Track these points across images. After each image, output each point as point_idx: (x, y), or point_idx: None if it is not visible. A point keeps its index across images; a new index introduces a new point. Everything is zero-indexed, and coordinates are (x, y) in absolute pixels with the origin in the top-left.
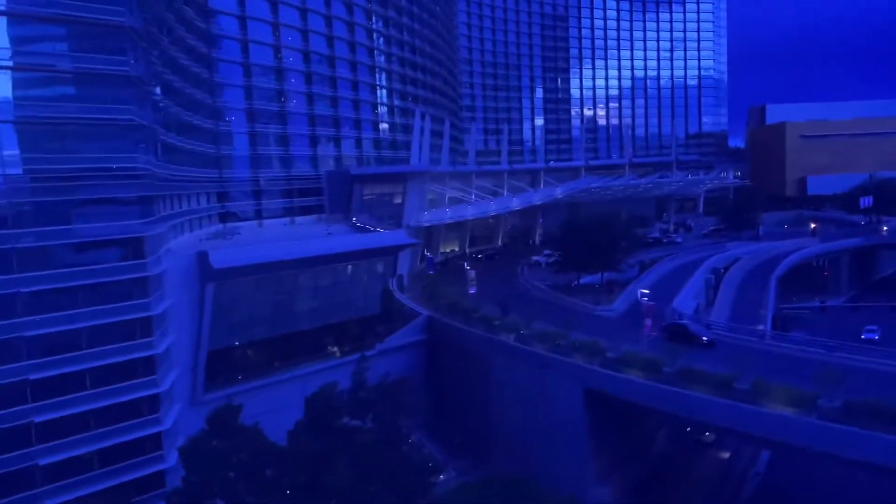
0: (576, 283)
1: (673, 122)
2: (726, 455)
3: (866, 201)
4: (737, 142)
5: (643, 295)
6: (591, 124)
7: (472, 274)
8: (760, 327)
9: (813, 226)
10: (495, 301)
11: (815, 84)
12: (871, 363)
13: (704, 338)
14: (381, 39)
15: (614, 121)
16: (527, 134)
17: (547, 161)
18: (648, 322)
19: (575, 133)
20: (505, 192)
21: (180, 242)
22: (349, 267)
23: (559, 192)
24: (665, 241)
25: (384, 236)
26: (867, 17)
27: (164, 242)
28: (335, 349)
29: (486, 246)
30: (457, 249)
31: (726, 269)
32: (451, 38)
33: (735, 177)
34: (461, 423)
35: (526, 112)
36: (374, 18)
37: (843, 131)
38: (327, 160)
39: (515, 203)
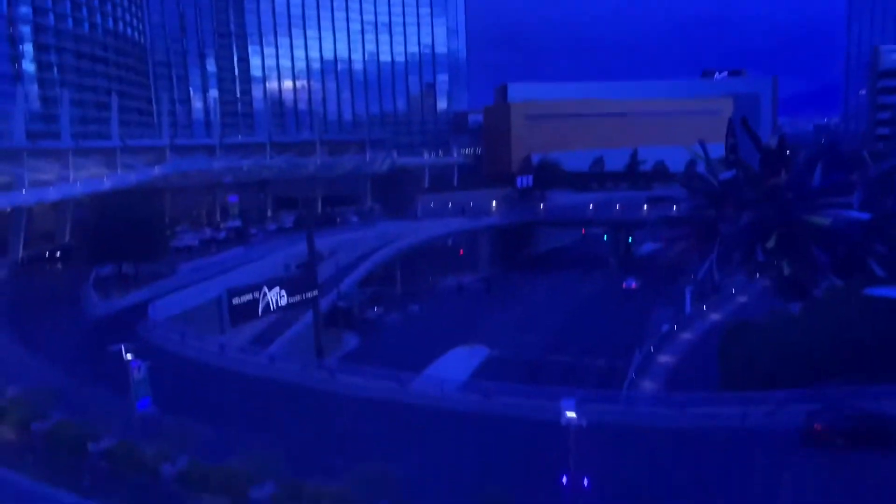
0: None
1: (367, 99)
2: None
3: (524, 180)
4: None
5: None
6: (280, 98)
7: None
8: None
9: (494, 203)
10: None
11: (571, 66)
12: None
13: None
14: None
15: (315, 96)
16: (199, 105)
17: (223, 136)
18: None
19: (259, 106)
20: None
21: None
22: None
23: (133, 178)
24: (339, 220)
25: None
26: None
27: None
28: None
29: None
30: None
31: (331, 252)
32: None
33: (462, 154)
34: None
35: (197, 82)
36: None
37: (566, 111)
38: None
39: (79, 188)
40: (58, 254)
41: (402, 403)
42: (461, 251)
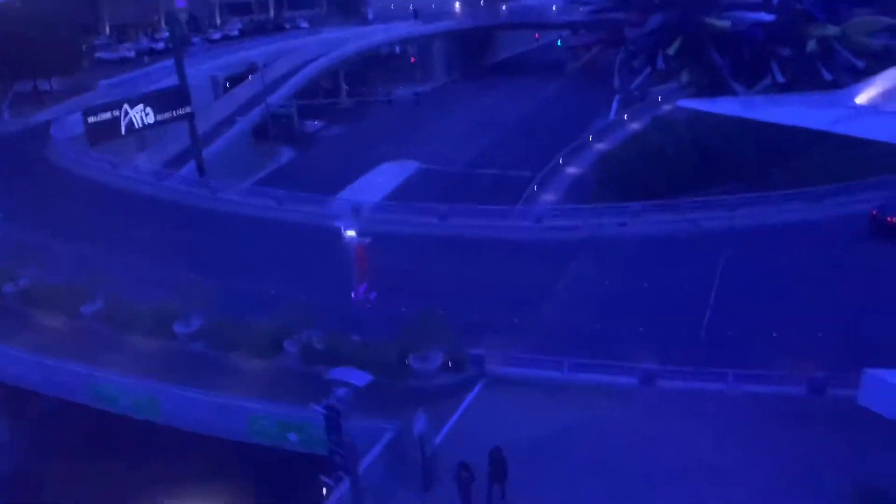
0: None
1: None
2: None
3: None
4: None
5: None
6: None
7: None
8: None
9: (457, 6)
10: None
11: None
12: None
13: None
14: None
15: None
16: None
17: None
18: None
19: None
20: None
21: None
22: None
23: None
24: (287, 27)
25: None
26: None
27: None
28: None
29: None
30: None
31: (268, 61)
32: None
33: None
34: None
35: None
36: None
37: None
38: None
39: None
40: None
41: (274, 220)
42: (412, 59)
